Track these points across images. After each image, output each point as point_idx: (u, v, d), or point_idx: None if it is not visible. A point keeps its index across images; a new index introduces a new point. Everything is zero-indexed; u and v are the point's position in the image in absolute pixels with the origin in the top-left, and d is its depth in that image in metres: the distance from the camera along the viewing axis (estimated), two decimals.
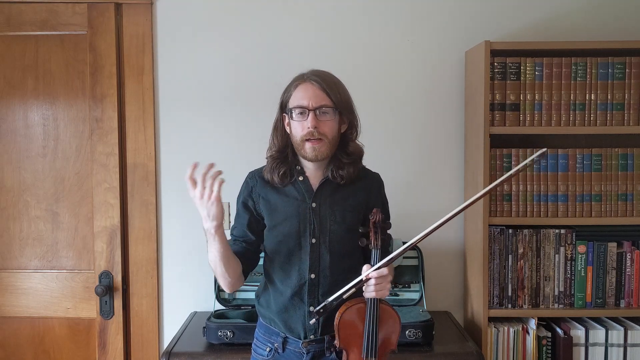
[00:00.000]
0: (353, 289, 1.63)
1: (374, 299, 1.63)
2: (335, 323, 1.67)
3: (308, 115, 1.69)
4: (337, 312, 1.67)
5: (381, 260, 1.64)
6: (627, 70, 2.26)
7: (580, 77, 2.27)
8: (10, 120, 2.59)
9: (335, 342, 1.68)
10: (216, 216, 1.62)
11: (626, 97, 2.27)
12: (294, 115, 1.72)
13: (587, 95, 2.27)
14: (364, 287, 1.63)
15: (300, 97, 1.71)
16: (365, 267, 1.64)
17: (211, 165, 1.60)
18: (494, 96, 2.28)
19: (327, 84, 1.71)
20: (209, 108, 2.58)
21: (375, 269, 1.62)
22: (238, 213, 1.86)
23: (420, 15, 2.55)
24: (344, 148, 1.77)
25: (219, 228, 1.64)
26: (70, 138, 2.59)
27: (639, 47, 2.25)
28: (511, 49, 2.27)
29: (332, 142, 1.72)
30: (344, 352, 1.69)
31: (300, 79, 1.74)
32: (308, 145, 1.70)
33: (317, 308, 1.64)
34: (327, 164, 1.78)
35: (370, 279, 1.62)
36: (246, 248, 1.82)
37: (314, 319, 1.67)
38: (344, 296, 1.63)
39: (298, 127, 1.72)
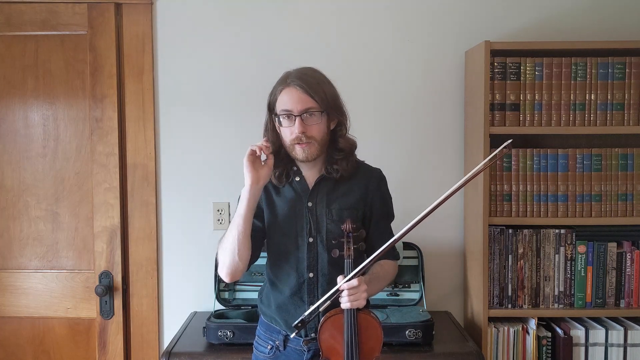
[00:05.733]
0: (328, 302, 1.63)
1: (351, 309, 1.63)
2: (317, 334, 1.69)
3: (295, 120, 1.70)
4: (319, 323, 1.68)
5: (354, 270, 1.63)
6: (627, 70, 2.26)
7: (580, 77, 2.27)
8: (10, 120, 2.59)
9: (320, 352, 1.69)
10: (252, 174, 1.70)
11: (626, 97, 2.27)
12: (281, 121, 1.73)
13: (587, 95, 2.27)
14: (340, 298, 1.64)
15: (285, 102, 1.71)
16: (339, 278, 1.64)
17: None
18: (494, 96, 2.28)
19: (311, 85, 1.70)
20: (209, 108, 2.58)
21: (346, 281, 1.62)
22: None
23: (421, 16, 2.56)
24: (335, 145, 1.78)
25: (253, 184, 1.70)
26: (70, 138, 2.59)
27: (639, 47, 2.25)
28: (511, 49, 2.27)
29: (321, 143, 1.73)
30: None
31: (284, 83, 1.73)
32: (298, 147, 1.72)
33: (296, 322, 1.64)
34: (322, 162, 1.79)
35: (343, 290, 1.62)
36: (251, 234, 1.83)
37: (294, 333, 1.68)
38: (320, 309, 1.64)
39: (287, 132, 1.73)
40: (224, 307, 2.43)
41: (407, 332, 2.16)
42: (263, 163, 1.73)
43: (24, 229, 2.61)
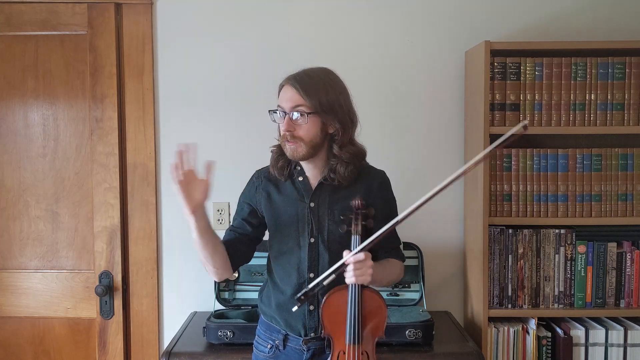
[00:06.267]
0: (333, 275, 1.62)
1: (356, 284, 1.62)
2: (319, 309, 1.67)
3: (284, 118, 1.71)
4: (322, 299, 1.67)
5: (360, 245, 1.62)
6: (627, 70, 2.26)
7: (580, 77, 2.27)
8: (10, 120, 2.59)
9: (322, 330, 1.68)
10: (186, 201, 1.63)
11: (626, 97, 2.27)
12: (275, 117, 1.75)
13: (587, 95, 2.27)
14: (345, 273, 1.62)
15: (280, 99, 1.74)
16: (345, 253, 1.63)
17: (186, 147, 1.66)
18: (494, 96, 2.28)
19: (306, 86, 1.69)
20: (209, 108, 2.58)
21: (353, 254, 1.60)
22: (240, 206, 1.89)
23: (420, 15, 2.56)
24: (331, 150, 1.76)
25: (192, 214, 1.64)
26: (70, 138, 2.59)
27: (639, 47, 2.25)
28: (511, 49, 2.27)
29: (310, 145, 1.71)
30: (331, 340, 1.68)
31: (285, 80, 1.75)
32: (287, 145, 1.72)
33: (299, 295, 1.64)
34: (323, 164, 1.78)
35: (349, 264, 1.61)
36: (238, 238, 1.83)
37: (297, 306, 1.66)
38: (324, 282, 1.63)
39: (280, 128, 1.75)
40: (224, 307, 2.43)
41: (407, 332, 2.16)
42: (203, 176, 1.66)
43: (24, 229, 2.61)
